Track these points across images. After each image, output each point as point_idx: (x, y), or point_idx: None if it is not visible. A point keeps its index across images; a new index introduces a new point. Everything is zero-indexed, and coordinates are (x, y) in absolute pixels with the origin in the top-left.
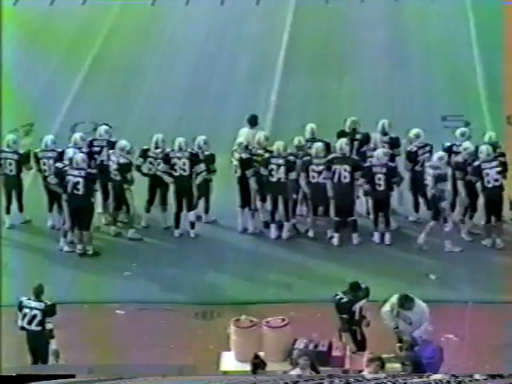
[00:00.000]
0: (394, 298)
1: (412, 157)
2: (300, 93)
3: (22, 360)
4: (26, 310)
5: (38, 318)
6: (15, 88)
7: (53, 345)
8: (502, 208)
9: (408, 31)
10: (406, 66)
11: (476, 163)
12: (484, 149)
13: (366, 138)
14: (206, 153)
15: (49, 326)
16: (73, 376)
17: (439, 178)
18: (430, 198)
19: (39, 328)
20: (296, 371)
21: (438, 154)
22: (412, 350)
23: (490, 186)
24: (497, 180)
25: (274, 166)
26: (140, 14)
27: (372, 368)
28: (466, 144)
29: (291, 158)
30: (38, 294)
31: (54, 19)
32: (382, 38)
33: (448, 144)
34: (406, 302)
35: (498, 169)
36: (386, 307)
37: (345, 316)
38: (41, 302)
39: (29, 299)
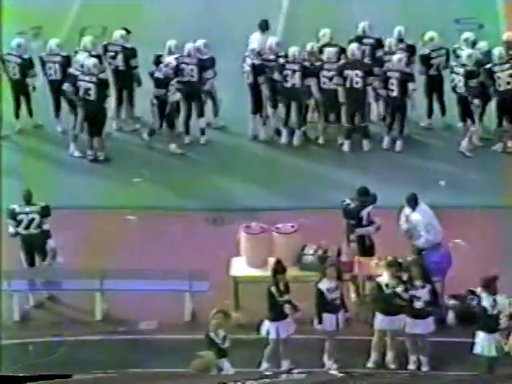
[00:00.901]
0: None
1: (425, 60)
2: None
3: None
4: (22, 216)
5: (36, 220)
6: None
7: (51, 243)
8: None
9: None
10: None
11: (488, 66)
12: (496, 51)
13: (379, 43)
14: (206, 56)
15: (46, 226)
16: (69, 376)
17: (469, 76)
18: (458, 98)
19: (37, 230)
20: (324, 282)
21: (467, 51)
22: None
23: (501, 89)
24: (509, 83)
25: (289, 72)
26: None
27: (383, 271)
28: (481, 44)
29: (307, 63)
30: (29, 199)
31: None
32: None
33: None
34: (409, 200)
35: (511, 71)
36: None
37: (352, 221)
38: (35, 205)
39: (20, 205)
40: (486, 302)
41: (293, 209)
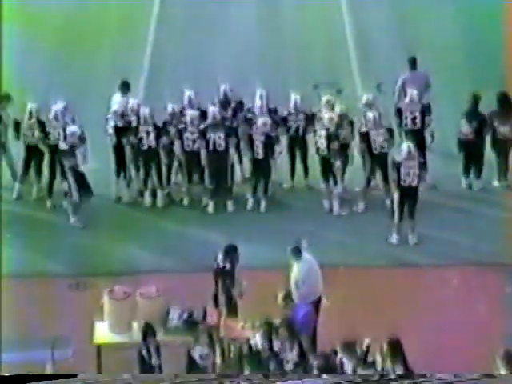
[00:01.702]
0: None
1: (283, 122)
2: (173, 56)
3: None
4: None
5: None
6: None
7: None
8: (387, 171)
9: None
10: (277, 31)
11: (363, 130)
12: (371, 116)
13: (241, 105)
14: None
15: None
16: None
17: (330, 138)
18: (320, 160)
19: None
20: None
21: (328, 114)
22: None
23: (376, 152)
24: (383, 147)
25: (143, 134)
26: None
27: (248, 333)
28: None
29: (160, 124)
30: None
31: None
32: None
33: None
34: (291, 252)
35: (385, 136)
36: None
37: (221, 281)
38: None
39: None
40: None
41: (157, 271)
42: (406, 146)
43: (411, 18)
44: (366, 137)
